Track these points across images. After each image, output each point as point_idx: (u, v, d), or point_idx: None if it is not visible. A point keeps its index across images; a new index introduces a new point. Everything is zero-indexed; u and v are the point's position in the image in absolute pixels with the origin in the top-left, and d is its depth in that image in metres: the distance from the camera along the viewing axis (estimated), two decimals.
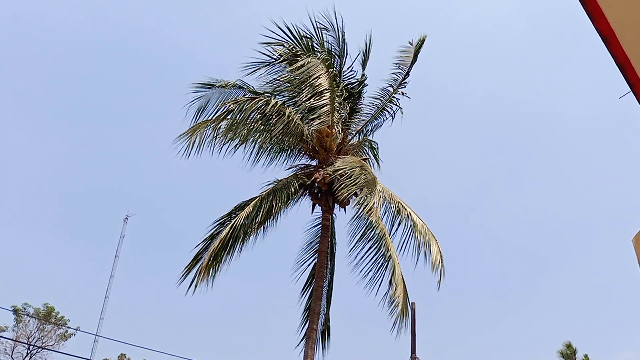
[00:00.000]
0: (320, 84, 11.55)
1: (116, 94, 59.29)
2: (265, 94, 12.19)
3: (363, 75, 13.62)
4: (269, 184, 12.26)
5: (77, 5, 53.66)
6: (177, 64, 60.03)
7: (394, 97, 13.63)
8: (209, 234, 11.70)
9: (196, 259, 11.38)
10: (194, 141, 11.49)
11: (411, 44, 13.73)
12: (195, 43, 57.56)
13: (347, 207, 12.64)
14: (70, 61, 55.87)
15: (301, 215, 12.98)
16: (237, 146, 12.27)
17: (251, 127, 11.94)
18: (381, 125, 13.87)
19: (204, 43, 57.43)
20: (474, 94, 55.52)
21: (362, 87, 13.71)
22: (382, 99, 13.79)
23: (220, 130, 11.57)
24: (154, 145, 62.77)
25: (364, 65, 13.55)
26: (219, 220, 11.88)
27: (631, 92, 3.67)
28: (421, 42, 13.62)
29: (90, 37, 56.91)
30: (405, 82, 13.63)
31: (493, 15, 52.12)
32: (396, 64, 13.85)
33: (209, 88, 12.04)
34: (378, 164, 13.90)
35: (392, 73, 13.83)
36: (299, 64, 11.61)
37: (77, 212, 58.50)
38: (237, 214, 11.72)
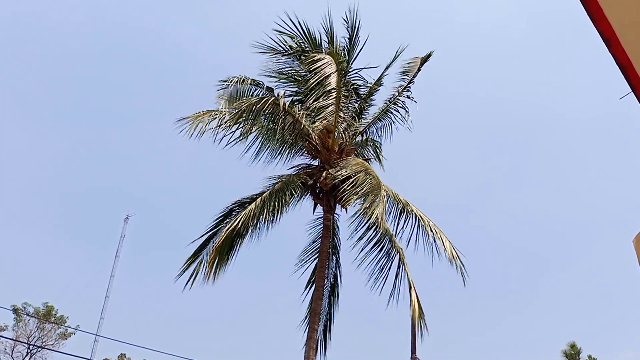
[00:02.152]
0: (329, 82, 11.58)
1: (116, 94, 59.32)
2: (276, 86, 12.44)
3: (379, 81, 13.63)
4: (270, 183, 12.27)
5: (77, 5, 53.69)
6: (177, 64, 60.08)
7: (398, 99, 13.58)
8: (208, 229, 11.69)
9: (195, 255, 11.35)
10: (196, 126, 11.38)
11: (420, 57, 13.75)
12: (195, 43, 57.59)
13: (348, 207, 12.62)
14: (70, 61, 55.90)
15: (302, 214, 12.99)
16: (239, 139, 12.17)
17: (257, 124, 11.96)
18: (384, 127, 13.83)
19: (204, 43, 57.47)
20: (474, 95, 55.56)
21: (373, 91, 13.73)
22: (387, 101, 13.75)
23: (224, 121, 11.49)
24: (154, 145, 62.82)
25: (383, 72, 13.60)
26: (218, 217, 11.86)
27: (632, 93, 3.68)
28: (428, 56, 13.68)
29: (90, 37, 56.94)
30: (410, 88, 13.57)
31: (493, 17, 52.13)
32: (402, 70, 13.84)
33: (228, 85, 12.25)
34: (381, 162, 13.85)
35: (399, 74, 13.82)
36: (315, 58, 11.67)
37: (77, 212, 58.53)
38: (238, 212, 11.73)
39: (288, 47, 12.64)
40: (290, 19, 12.38)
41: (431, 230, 11.16)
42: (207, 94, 12.69)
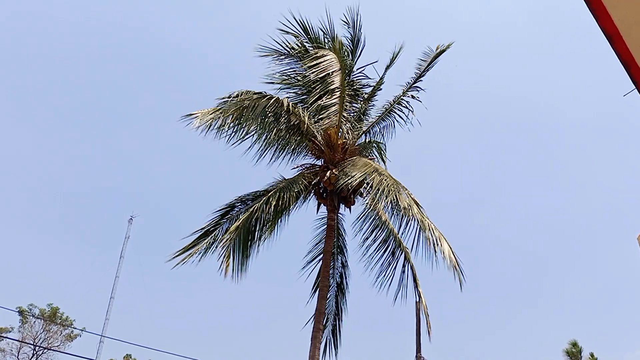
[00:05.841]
0: (332, 81, 11.53)
1: (120, 95, 59.60)
2: (279, 88, 12.35)
3: (381, 80, 13.58)
4: (274, 182, 12.28)
5: (77, 5, 53.98)
6: (178, 64, 60.31)
7: (402, 99, 13.49)
8: (209, 222, 11.69)
9: (193, 244, 11.32)
10: (202, 123, 11.35)
11: (435, 49, 13.39)
12: (198, 43, 57.79)
13: (352, 207, 12.63)
14: (72, 62, 56.27)
15: (308, 214, 12.98)
16: (243, 139, 12.10)
17: (260, 122, 11.92)
18: (389, 127, 13.75)
19: (207, 43, 57.67)
20: (476, 94, 55.50)
21: (376, 91, 13.68)
22: (392, 100, 13.67)
23: (228, 120, 11.44)
24: (158, 146, 63.01)
25: (386, 69, 13.55)
26: (221, 210, 11.85)
27: (635, 90, 3.70)
28: (441, 51, 13.34)
29: (92, 38, 57.28)
30: (417, 86, 13.47)
31: (497, 15, 52.05)
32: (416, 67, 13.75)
33: (226, 101, 11.71)
34: (385, 164, 13.79)
35: (408, 70, 13.73)
36: (318, 54, 11.60)
37: (80, 212, 58.80)
38: (240, 208, 11.74)
39: (291, 48, 12.63)
40: (295, 18, 12.38)
41: (431, 235, 10.94)
42: (212, 93, 12.67)
